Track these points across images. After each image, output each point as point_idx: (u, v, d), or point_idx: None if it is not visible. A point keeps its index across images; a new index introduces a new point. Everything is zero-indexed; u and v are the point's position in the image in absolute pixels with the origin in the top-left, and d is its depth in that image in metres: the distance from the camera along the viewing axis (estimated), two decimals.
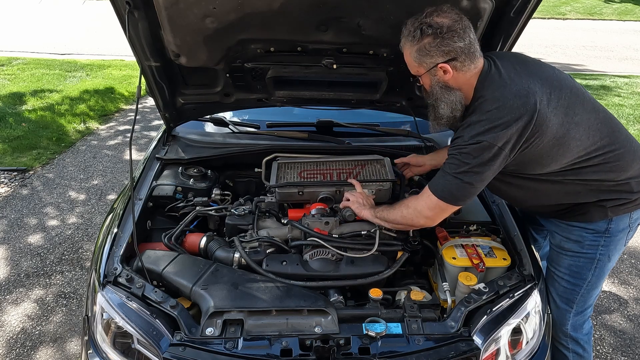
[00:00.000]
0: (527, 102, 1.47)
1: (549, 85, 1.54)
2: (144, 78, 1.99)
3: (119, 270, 1.65)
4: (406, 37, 1.56)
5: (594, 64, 10.13)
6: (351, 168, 2.16)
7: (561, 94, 1.55)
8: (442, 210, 1.62)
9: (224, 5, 1.67)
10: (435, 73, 1.56)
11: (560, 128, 1.52)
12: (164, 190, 2.17)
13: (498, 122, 1.47)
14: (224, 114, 2.73)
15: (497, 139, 1.47)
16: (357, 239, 1.85)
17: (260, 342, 1.45)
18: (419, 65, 1.58)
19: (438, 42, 1.49)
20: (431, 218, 1.66)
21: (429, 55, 1.52)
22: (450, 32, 1.48)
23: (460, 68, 1.54)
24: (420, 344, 1.47)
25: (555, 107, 1.52)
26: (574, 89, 1.61)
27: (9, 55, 9.14)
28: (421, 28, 1.50)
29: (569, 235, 1.78)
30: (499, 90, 1.51)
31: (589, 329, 1.94)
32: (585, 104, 1.61)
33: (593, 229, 1.73)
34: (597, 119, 1.61)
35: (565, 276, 1.82)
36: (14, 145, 5.09)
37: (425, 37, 1.50)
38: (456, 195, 1.57)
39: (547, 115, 1.49)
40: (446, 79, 1.56)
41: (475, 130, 1.50)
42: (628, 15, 16.30)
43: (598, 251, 1.74)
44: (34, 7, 14.41)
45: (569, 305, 1.84)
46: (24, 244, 3.46)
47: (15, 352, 2.54)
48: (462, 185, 1.55)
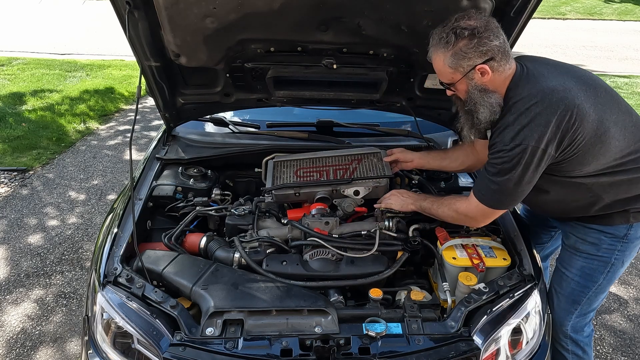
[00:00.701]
0: (565, 97, 1.44)
1: (584, 83, 1.53)
2: (144, 78, 1.99)
3: (119, 270, 1.65)
4: (437, 45, 1.53)
5: (594, 64, 10.13)
6: (347, 163, 2.15)
7: (597, 92, 1.53)
8: (493, 213, 1.66)
9: (224, 5, 1.67)
10: (472, 76, 1.53)
11: (600, 125, 1.49)
12: (164, 190, 2.17)
13: (538, 121, 1.43)
14: (224, 114, 2.73)
15: (540, 140, 1.43)
16: (357, 239, 1.85)
17: (260, 342, 1.45)
18: (454, 70, 1.54)
19: (476, 42, 1.46)
20: (481, 222, 1.72)
21: (467, 57, 1.49)
22: (487, 31, 1.46)
23: (497, 68, 1.51)
24: (420, 344, 1.47)
25: (594, 103, 1.49)
26: (608, 88, 1.60)
27: (9, 55, 9.13)
28: (455, 32, 1.47)
29: (585, 237, 1.75)
30: (535, 87, 1.48)
31: (590, 332, 1.93)
32: (620, 105, 1.59)
33: (612, 233, 1.70)
34: (631, 122, 1.59)
35: (575, 277, 1.80)
36: (14, 145, 5.09)
37: (461, 39, 1.47)
38: (505, 201, 1.60)
39: (587, 110, 1.46)
40: (484, 81, 1.53)
41: (515, 131, 1.46)
42: (628, 15, 16.30)
43: (614, 255, 1.72)
44: (34, 7, 14.40)
45: (574, 306, 1.82)
46: (24, 244, 3.46)
47: (15, 352, 2.54)
48: (505, 190, 1.54)
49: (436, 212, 1.79)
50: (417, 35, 1.84)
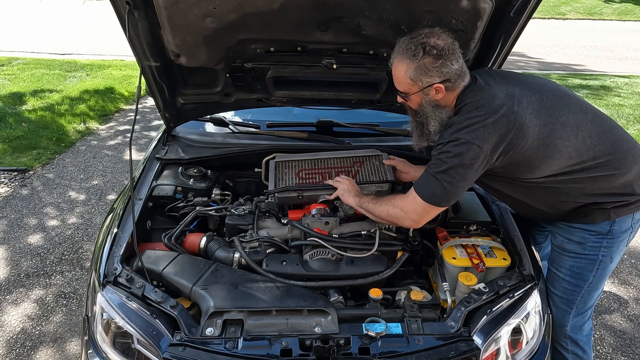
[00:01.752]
0: (505, 103, 1.52)
1: (529, 89, 1.60)
2: (144, 78, 1.99)
3: (119, 270, 1.65)
4: (403, 54, 1.59)
5: (594, 64, 10.13)
6: (349, 166, 2.15)
7: (542, 97, 1.59)
8: (428, 212, 1.64)
9: (224, 5, 1.67)
10: (428, 92, 1.61)
11: (543, 128, 1.54)
12: (164, 190, 2.17)
13: (475, 120, 1.51)
14: (224, 114, 2.73)
15: (475, 138, 1.50)
16: (357, 239, 1.85)
17: (260, 342, 1.45)
18: (413, 83, 1.61)
19: (440, 63, 1.54)
20: (416, 221, 1.68)
21: (428, 74, 1.57)
22: (451, 54, 1.55)
23: (450, 88, 1.60)
24: (420, 344, 1.47)
25: (537, 108, 1.55)
26: (557, 92, 1.65)
27: (9, 55, 9.14)
28: (424, 47, 1.54)
29: (570, 236, 1.77)
30: (478, 94, 1.57)
31: (589, 331, 1.93)
32: (571, 106, 1.62)
33: (595, 230, 1.72)
34: (587, 120, 1.62)
35: (566, 277, 1.81)
36: (14, 145, 5.09)
37: (427, 56, 1.54)
38: (440, 196, 1.59)
39: (527, 116, 1.53)
40: (437, 98, 1.62)
41: (454, 129, 1.55)
42: (628, 15, 16.30)
43: (600, 252, 1.74)
44: (34, 7, 14.41)
45: (569, 306, 1.83)
46: (24, 244, 3.46)
47: (15, 352, 2.54)
48: (443, 185, 1.56)
49: (373, 208, 1.76)
50: None
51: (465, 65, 1.63)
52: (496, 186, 1.76)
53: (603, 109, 6.95)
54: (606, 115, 1.71)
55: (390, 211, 1.70)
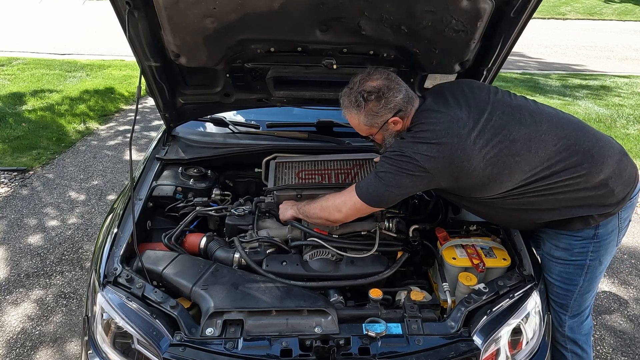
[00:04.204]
0: (450, 127, 1.55)
1: (478, 109, 1.61)
2: (144, 78, 1.99)
3: (119, 271, 1.65)
4: (349, 108, 1.70)
5: (594, 64, 10.13)
6: (349, 168, 2.16)
7: (491, 116, 1.59)
8: (357, 209, 1.67)
9: (224, 5, 1.67)
10: (387, 128, 1.70)
11: (491, 149, 1.54)
12: (164, 190, 2.17)
13: (420, 139, 1.57)
14: (224, 114, 2.73)
15: (418, 154, 1.54)
16: (357, 239, 1.85)
17: (260, 342, 1.45)
18: (370, 127, 1.72)
19: (383, 102, 1.64)
20: (344, 214, 1.70)
21: (378, 115, 1.67)
22: (389, 90, 1.64)
23: (404, 116, 1.68)
24: (420, 344, 1.47)
25: (483, 128, 1.56)
26: (509, 108, 1.64)
27: (9, 55, 9.14)
28: (363, 95, 1.65)
29: (557, 243, 1.76)
30: (427, 117, 1.63)
31: (589, 330, 1.93)
32: (523, 120, 1.61)
33: (580, 236, 1.70)
34: (541, 131, 1.60)
35: (557, 282, 1.80)
36: (14, 145, 5.09)
37: (369, 102, 1.65)
38: (371, 194, 1.62)
39: (472, 139, 1.54)
40: (397, 128, 1.70)
41: (402, 142, 1.62)
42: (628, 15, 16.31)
43: (588, 257, 1.72)
44: (34, 7, 14.41)
45: (564, 309, 1.83)
46: (24, 244, 3.46)
47: (15, 352, 2.54)
48: (378, 185, 1.59)
49: (307, 209, 1.80)
50: (417, 36, 1.84)
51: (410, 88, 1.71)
52: (463, 203, 1.79)
53: (603, 109, 6.96)
54: (567, 120, 1.67)
55: (323, 205, 1.74)
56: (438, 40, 1.86)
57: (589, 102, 7.35)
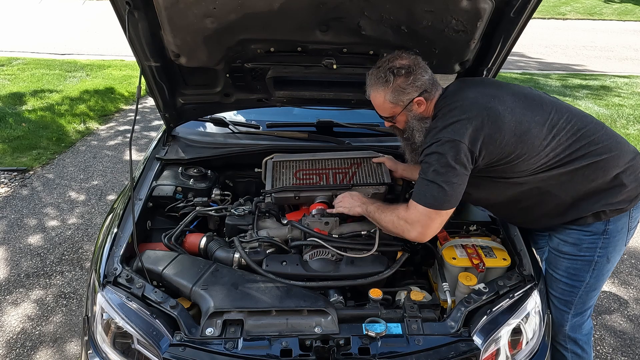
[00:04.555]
0: (478, 101, 1.60)
1: (502, 91, 1.66)
2: (144, 78, 1.99)
3: (119, 271, 1.65)
4: (376, 84, 1.72)
5: (594, 64, 10.13)
6: (347, 167, 2.15)
7: (516, 98, 1.64)
8: (432, 220, 1.59)
9: (224, 5, 1.67)
10: (411, 108, 1.72)
11: (519, 125, 1.58)
12: (164, 190, 2.17)
13: (453, 120, 1.57)
14: (224, 114, 2.73)
15: (454, 134, 1.54)
16: (357, 239, 1.85)
17: (260, 342, 1.45)
18: (395, 105, 1.72)
19: (412, 78, 1.67)
20: (422, 233, 1.61)
21: (405, 92, 1.69)
22: (418, 68, 1.69)
23: (429, 98, 1.71)
24: (420, 344, 1.47)
25: (511, 106, 1.60)
26: (530, 94, 1.70)
27: (9, 55, 9.14)
28: (392, 71, 1.67)
29: (566, 238, 1.77)
30: (451, 99, 1.66)
31: (589, 330, 1.93)
32: (545, 107, 1.65)
33: (590, 230, 1.71)
34: (562, 119, 1.64)
35: (563, 278, 1.81)
36: (14, 145, 5.09)
37: (398, 77, 1.68)
38: (438, 197, 1.56)
39: (501, 112, 1.57)
40: (421, 110, 1.72)
41: (434, 132, 1.61)
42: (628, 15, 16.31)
43: (596, 253, 1.73)
44: (34, 7, 14.41)
45: (567, 306, 1.83)
46: (24, 244, 3.46)
47: (15, 352, 2.54)
48: (439, 186, 1.55)
49: (379, 217, 1.75)
50: (417, 36, 1.84)
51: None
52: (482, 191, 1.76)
53: (603, 109, 6.96)
54: (584, 113, 1.72)
55: (395, 222, 1.67)
56: (438, 40, 1.86)
57: (589, 102, 7.35)
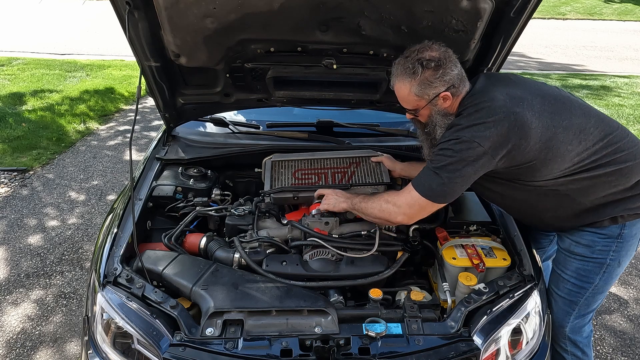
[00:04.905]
0: (505, 105, 1.53)
1: (530, 93, 1.61)
2: (144, 78, 1.99)
3: (119, 271, 1.65)
4: (402, 74, 1.65)
5: (594, 64, 10.13)
6: (345, 167, 2.15)
7: (544, 101, 1.59)
8: (422, 208, 1.62)
9: (224, 5, 1.67)
10: (436, 102, 1.66)
11: (545, 131, 1.54)
12: (164, 190, 2.16)
13: (477, 121, 1.53)
14: (224, 114, 2.73)
15: (476, 136, 1.51)
16: (357, 239, 1.85)
17: (260, 342, 1.45)
18: (419, 98, 1.66)
19: (440, 72, 1.61)
20: (409, 215, 1.64)
21: (432, 86, 1.62)
22: (448, 62, 1.62)
23: (455, 93, 1.65)
24: (420, 344, 1.47)
25: (539, 111, 1.56)
26: (560, 97, 1.66)
27: (9, 55, 9.14)
28: (422, 63, 1.60)
29: (579, 239, 1.74)
30: (478, 98, 1.60)
31: (589, 333, 1.92)
32: (573, 110, 1.62)
33: (605, 234, 1.69)
34: (589, 124, 1.61)
35: (571, 279, 1.79)
36: (14, 145, 5.09)
37: (427, 70, 1.61)
38: (435, 191, 1.58)
39: (528, 118, 1.53)
40: (446, 105, 1.67)
41: (455, 129, 1.57)
42: (628, 15, 16.31)
43: (608, 256, 1.71)
44: (34, 7, 14.41)
45: (571, 307, 1.82)
46: (24, 244, 3.46)
47: (15, 352, 2.54)
48: (441, 180, 1.56)
49: (365, 206, 1.75)
50: (417, 36, 1.84)
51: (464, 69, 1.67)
52: (497, 189, 1.75)
53: (603, 109, 6.96)
54: (610, 118, 1.70)
55: (382, 206, 1.68)
56: (438, 40, 1.86)
57: (589, 102, 7.34)
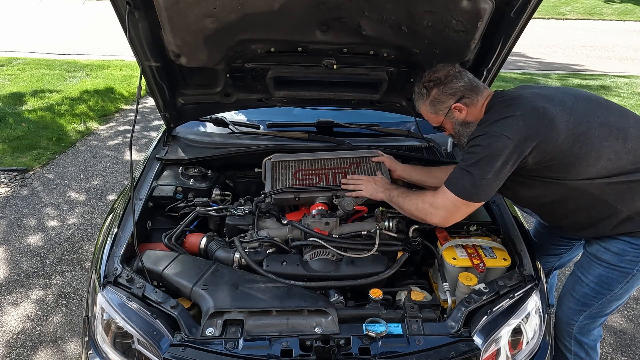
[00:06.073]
0: (534, 100, 1.58)
1: (563, 92, 1.65)
2: (144, 78, 1.99)
3: (119, 271, 1.65)
4: (417, 100, 1.84)
5: (594, 64, 10.13)
6: (346, 167, 2.15)
7: (577, 99, 1.62)
8: (457, 209, 1.62)
9: (224, 5, 1.67)
10: (452, 115, 1.77)
11: (577, 125, 1.55)
12: (164, 190, 2.16)
13: (505, 115, 1.57)
14: (224, 114, 2.73)
15: (504, 129, 1.53)
16: (357, 239, 1.85)
17: (261, 342, 1.45)
18: (436, 115, 1.81)
19: (442, 88, 1.73)
20: (445, 218, 1.65)
21: (440, 102, 1.76)
22: (448, 77, 1.73)
23: (469, 103, 1.73)
24: (420, 344, 1.47)
25: (571, 107, 1.58)
26: (594, 97, 1.69)
27: (9, 55, 9.14)
28: (425, 86, 1.77)
29: (609, 246, 1.69)
30: (506, 96, 1.67)
31: (597, 337, 1.89)
32: (610, 109, 1.63)
33: (638, 244, 1.64)
34: (629, 123, 1.58)
35: (591, 284, 1.76)
36: (14, 145, 5.09)
37: (432, 90, 1.76)
38: (469, 189, 1.57)
39: (559, 111, 1.55)
40: (463, 116, 1.76)
41: (484, 125, 1.61)
42: (628, 15, 16.31)
43: (636, 267, 1.67)
44: (34, 7, 14.41)
45: (583, 308, 1.80)
46: (24, 244, 3.46)
47: (15, 352, 2.54)
48: (473, 178, 1.55)
49: (402, 202, 1.77)
50: (418, 36, 1.84)
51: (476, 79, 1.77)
52: (531, 189, 1.70)
53: None
54: None
55: (419, 206, 1.70)
56: (438, 40, 1.86)
57: None
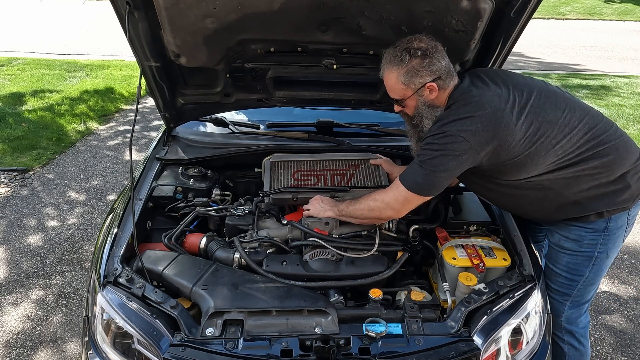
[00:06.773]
0: (492, 101, 1.57)
1: (517, 89, 1.64)
2: (144, 78, 1.99)
3: (119, 271, 1.65)
4: (390, 63, 1.67)
5: (594, 64, 10.13)
6: (345, 168, 2.15)
7: (530, 96, 1.62)
8: (409, 201, 1.67)
9: (224, 5, 1.67)
10: (422, 93, 1.67)
11: (530, 127, 1.58)
12: (164, 190, 2.16)
13: (463, 115, 1.56)
14: (224, 114, 2.73)
15: (462, 131, 1.54)
16: (357, 239, 1.85)
17: (261, 342, 1.45)
18: (406, 87, 1.67)
19: (427, 62, 1.62)
20: (398, 210, 1.70)
21: (418, 75, 1.64)
22: (436, 52, 1.63)
23: (442, 86, 1.66)
24: (420, 344, 1.47)
25: (524, 106, 1.59)
26: (546, 91, 1.68)
27: (9, 55, 9.14)
28: (409, 51, 1.62)
29: (567, 234, 1.79)
30: (467, 93, 1.63)
31: (586, 324, 1.96)
32: (559, 105, 1.65)
33: (592, 227, 1.74)
34: (574, 117, 1.64)
35: (563, 272, 1.84)
36: (14, 145, 5.09)
37: (414, 59, 1.62)
38: (420, 184, 1.62)
39: (515, 114, 1.57)
40: (432, 97, 1.68)
41: (442, 122, 1.60)
42: (628, 15, 16.31)
43: (596, 249, 1.76)
44: (34, 7, 14.41)
45: (565, 298, 1.87)
46: (24, 244, 3.46)
47: (15, 352, 2.54)
48: (425, 173, 1.60)
49: (353, 211, 1.79)
50: None
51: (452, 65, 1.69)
52: (483, 183, 1.78)
53: (603, 109, 6.96)
54: (597, 112, 1.73)
55: (371, 205, 1.73)
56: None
57: (589, 102, 7.35)
